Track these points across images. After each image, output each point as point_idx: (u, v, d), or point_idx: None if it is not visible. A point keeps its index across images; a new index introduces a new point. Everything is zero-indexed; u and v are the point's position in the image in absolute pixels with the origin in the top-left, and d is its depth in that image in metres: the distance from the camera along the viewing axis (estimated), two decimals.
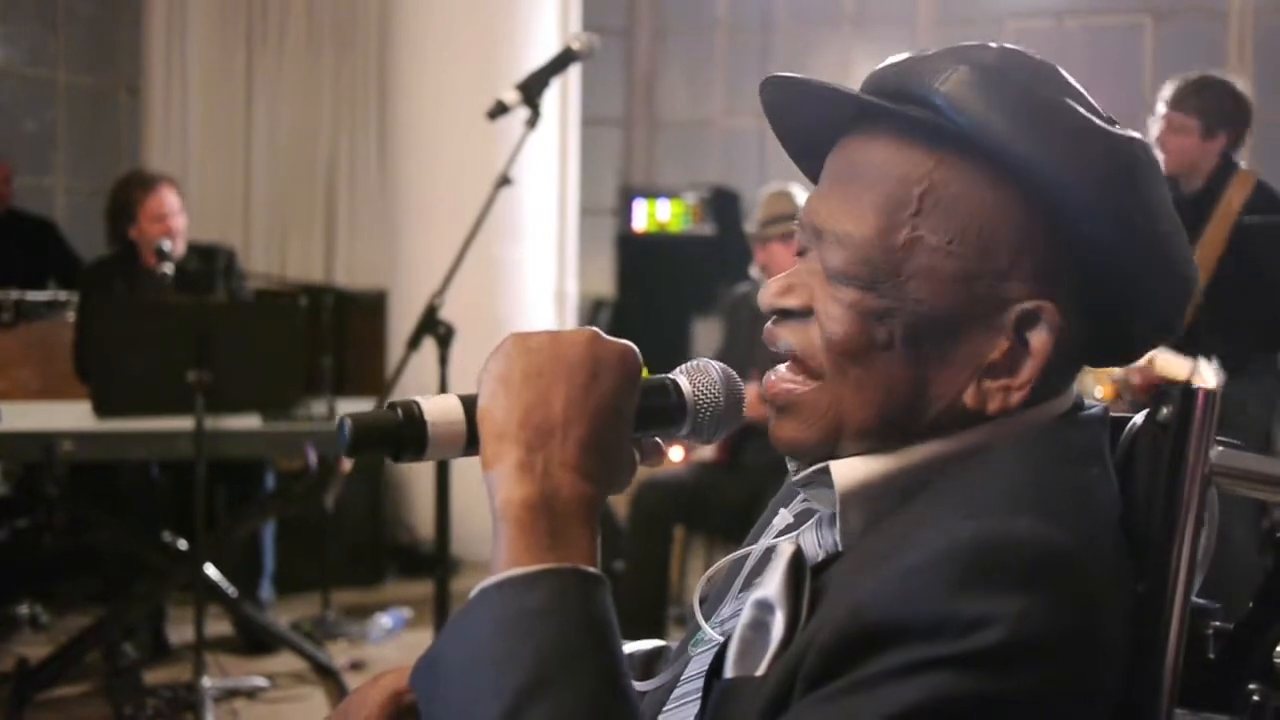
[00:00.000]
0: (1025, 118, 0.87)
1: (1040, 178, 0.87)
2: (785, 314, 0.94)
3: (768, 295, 0.95)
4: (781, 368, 0.95)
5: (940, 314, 0.88)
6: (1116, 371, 4.08)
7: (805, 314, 0.93)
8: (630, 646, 1.23)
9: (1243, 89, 3.86)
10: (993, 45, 0.92)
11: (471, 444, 0.88)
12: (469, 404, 0.88)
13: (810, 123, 0.96)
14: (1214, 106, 3.80)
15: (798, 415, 0.93)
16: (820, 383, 0.91)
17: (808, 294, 0.92)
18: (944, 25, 7.06)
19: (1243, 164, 3.91)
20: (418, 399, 0.88)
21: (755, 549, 1.04)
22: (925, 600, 0.77)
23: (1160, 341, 0.95)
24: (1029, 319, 0.88)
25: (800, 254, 0.96)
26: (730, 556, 1.07)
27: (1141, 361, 3.76)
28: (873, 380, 0.89)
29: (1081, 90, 0.92)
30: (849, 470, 0.90)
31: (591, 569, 0.82)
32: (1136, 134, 0.92)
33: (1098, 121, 0.90)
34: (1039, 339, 0.88)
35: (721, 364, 0.95)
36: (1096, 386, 4.24)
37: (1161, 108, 3.83)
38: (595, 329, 0.88)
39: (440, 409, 0.87)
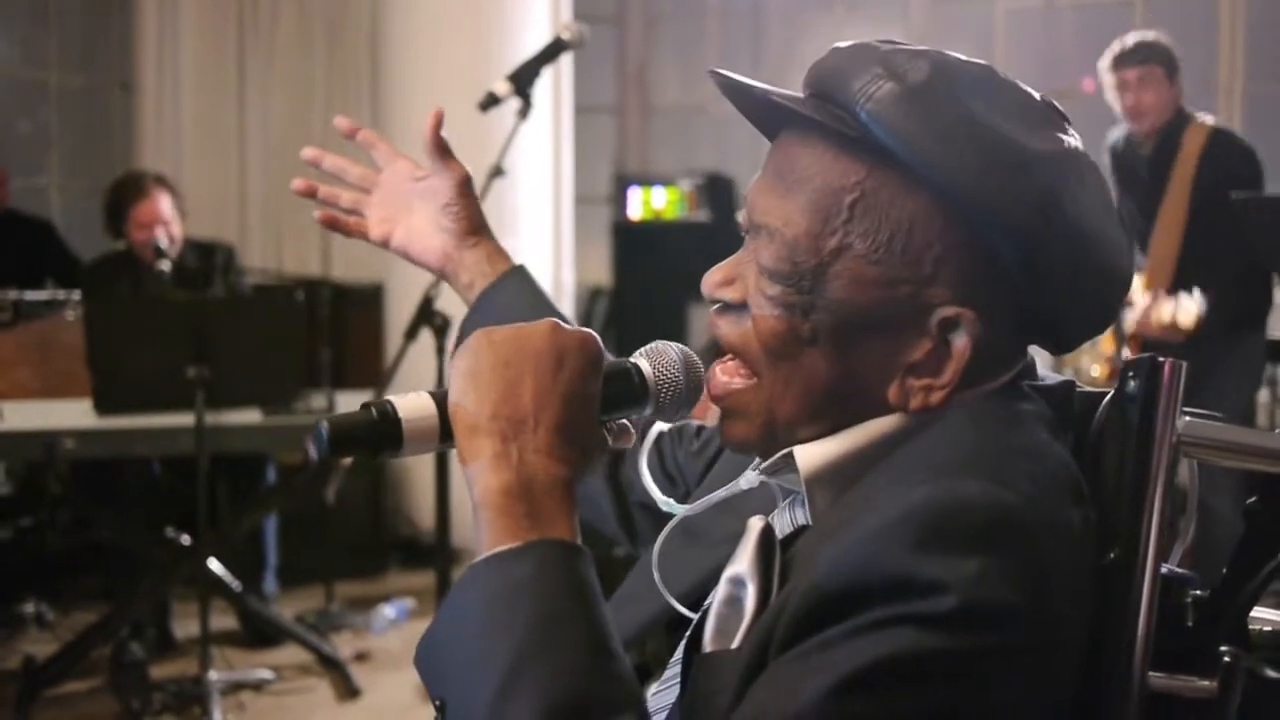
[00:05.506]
0: (946, 139, 0.88)
1: (961, 200, 0.89)
2: (724, 306, 0.98)
3: (709, 283, 0.99)
4: (718, 367, 0.99)
5: (862, 314, 0.92)
6: (1110, 351, 4.10)
7: (741, 307, 0.96)
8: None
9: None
10: (925, 58, 0.92)
11: (445, 437, 0.91)
12: (440, 399, 0.92)
13: (757, 110, 1.00)
14: (1165, 52, 3.82)
15: (740, 415, 0.97)
16: (756, 380, 0.96)
17: (743, 288, 0.96)
18: (936, 7, 7.05)
19: (1199, 115, 3.91)
20: (390, 398, 0.91)
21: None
22: (883, 562, 0.80)
23: (1093, 336, 0.98)
24: (950, 324, 0.91)
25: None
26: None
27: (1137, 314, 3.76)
28: (799, 375, 0.94)
29: (1019, 96, 0.93)
30: (812, 455, 0.94)
31: (572, 540, 0.86)
32: (1070, 141, 0.93)
33: (1023, 138, 0.90)
34: (960, 342, 0.91)
35: (680, 345, 1.00)
36: (1093, 366, 4.24)
37: (1118, 73, 3.81)
38: (555, 320, 0.92)
39: (413, 406, 0.91)
